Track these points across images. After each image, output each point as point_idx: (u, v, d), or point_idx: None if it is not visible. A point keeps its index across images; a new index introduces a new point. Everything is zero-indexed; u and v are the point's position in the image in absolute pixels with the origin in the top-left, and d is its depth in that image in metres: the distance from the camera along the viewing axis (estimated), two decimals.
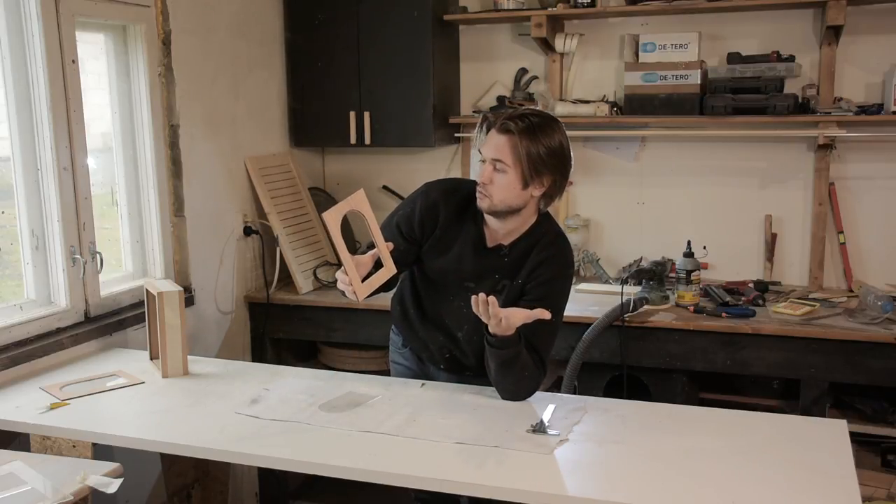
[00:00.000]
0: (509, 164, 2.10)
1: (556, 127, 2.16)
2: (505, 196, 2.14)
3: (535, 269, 2.21)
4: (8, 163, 2.64)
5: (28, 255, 2.69)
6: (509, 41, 3.87)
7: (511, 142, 2.10)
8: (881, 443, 3.16)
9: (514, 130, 2.09)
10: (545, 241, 2.24)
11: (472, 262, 2.28)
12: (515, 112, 2.14)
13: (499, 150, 2.11)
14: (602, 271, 3.70)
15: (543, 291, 2.20)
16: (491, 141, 2.14)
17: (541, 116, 2.15)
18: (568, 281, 2.28)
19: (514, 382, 2.21)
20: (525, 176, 2.11)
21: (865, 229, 3.49)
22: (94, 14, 2.81)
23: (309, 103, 3.85)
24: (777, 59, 3.37)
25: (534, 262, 2.22)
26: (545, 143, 2.10)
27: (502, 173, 2.12)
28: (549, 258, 2.21)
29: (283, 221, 3.63)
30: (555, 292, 2.22)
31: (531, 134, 2.09)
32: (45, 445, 2.18)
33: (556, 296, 2.22)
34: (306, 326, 3.59)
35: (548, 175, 2.14)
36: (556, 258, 2.22)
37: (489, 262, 2.26)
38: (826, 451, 1.94)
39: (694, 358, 3.11)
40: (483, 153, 2.16)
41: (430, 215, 2.29)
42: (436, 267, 2.33)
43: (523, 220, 2.22)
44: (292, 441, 2.04)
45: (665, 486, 1.78)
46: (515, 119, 2.11)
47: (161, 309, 2.53)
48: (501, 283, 2.26)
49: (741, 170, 3.62)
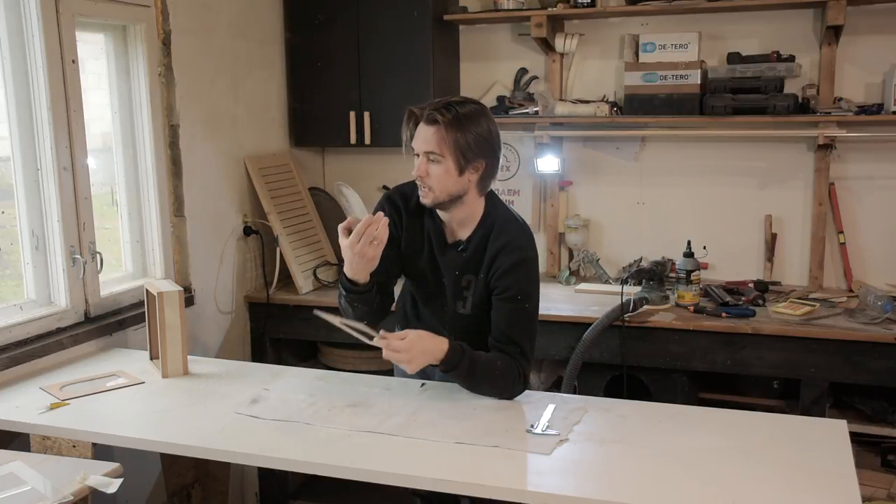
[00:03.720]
0: (441, 153, 2.12)
1: (483, 112, 2.17)
2: (444, 185, 2.15)
3: (493, 262, 2.22)
4: (8, 163, 2.64)
5: (28, 255, 2.69)
6: (509, 41, 3.87)
7: (440, 132, 2.11)
8: (881, 443, 3.16)
9: (441, 121, 2.10)
10: (496, 230, 2.24)
11: (439, 261, 2.30)
12: (440, 102, 2.15)
13: (429, 142, 2.13)
14: (602, 271, 3.70)
15: (507, 282, 2.20)
16: (420, 134, 2.16)
17: (465, 104, 2.16)
18: (529, 263, 2.25)
19: (491, 387, 2.22)
20: (459, 163, 2.13)
21: (865, 229, 3.49)
22: (94, 14, 2.81)
23: (309, 103, 3.85)
24: (777, 59, 3.37)
25: (490, 254, 2.22)
26: (473, 131, 2.12)
27: (437, 164, 2.14)
28: (503, 247, 2.21)
29: (283, 221, 3.63)
30: (519, 280, 2.21)
31: (458, 123, 2.11)
32: (45, 445, 2.18)
33: (521, 283, 2.22)
34: (306, 326, 3.58)
35: (480, 160, 2.16)
36: (510, 245, 2.21)
37: (450, 258, 2.28)
38: (826, 451, 1.94)
39: (694, 358, 3.11)
40: (415, 147, 2.18)
41: (396, 215, 2.33)
42: (416, 268, 2.36)
43: (470, 207, 2.23)
44: (292, 441, 2.03)
45: (665, 486, 1.78)
46: (441, 109, 2.11)
47: (161, 309, 2.52)
48: (466, 278, 2.27)
49: (741, 170, 3.62)
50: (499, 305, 2.23)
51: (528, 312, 2.23)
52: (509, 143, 3.85)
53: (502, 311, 2.22)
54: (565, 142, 3.81)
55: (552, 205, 3.87)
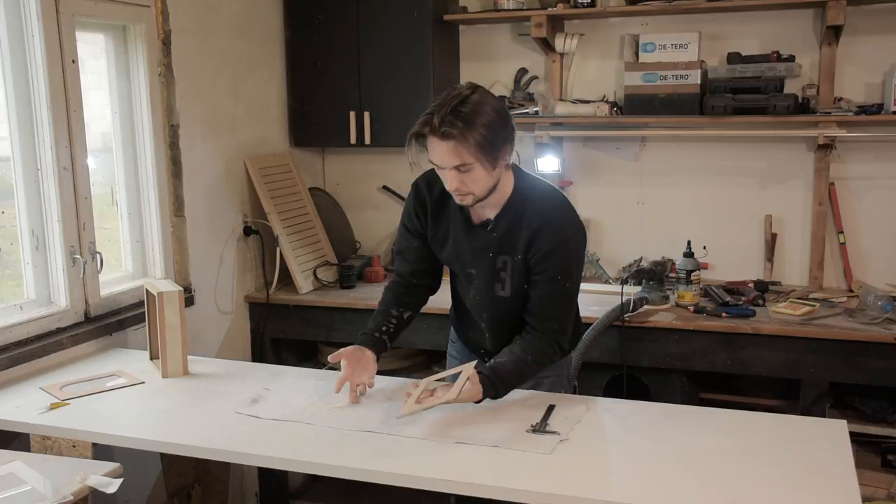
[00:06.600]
0: (470, 161, 2.06)
1: (481, 95, 2.09)
2: (483, 185, 2.12)
3: (531, 244, 2.17)
4: (8, 163, 2.64)
5: (28, 255, 2.69)
6: (509, 41, 3.87)
7: (459, 144, 2.03)
8: (881, 443, 3.16)
9: (457, 133, 2.02)
10: (531, 209, 2.19)
11: (466, 245, 2.27)
12: (442, 110, 2.03)
13: (451, 155, 2.05)
14: (602, 271, 3.70)
15: (547, 264, 2.17)
16: (438, 150, 2.06)
17: (464, 99, 2.06)
18: (570, 243, 2.18)
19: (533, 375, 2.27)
20: (490, 160, 2.08)
21: (865, 229, 3.49)
22: (94, 14, 2.81)
23: (309, 103, 3.85)
24: (777, 59, 3.37)
25: (527, 235, 2.17)
26: (485, 123, 2.04)
27: (469, 172, 2.08)
28: (541, 228, 2.16)
29: (283, 221, 3.63)
30: (560, 262, 2.17)
31: (471, 125, 2.03)
32: (45, 445, 2.18)
33: (561, 264, 2.18)
34: (306, 326, 3.59)
35: (504, 145, 2.11)
36: (548, 227, 2.16)
37: (480, 240, 2.25)
38: (826, 451, 1.94)
39: (694, 358, 3.11)
40: (438, 163, 2.11)
41: (420, 206, 2.32)
42: (443, 259, 2.36)
43: (502, 188, 2.20)
44: (292, 441, 2.04)
45: (665, 486, 1.78)
46: (449, 119, 2.02)
47: (161, 309, 2.52)
48: (500, 259, 2.23)
49: (741, 170, 3.62)
50: (538, 285, 2.20)
51: (567, 291, 2.21)
52: None
53: (542, 290, 2.19)
54: (565, 142, 3.81)
55: None
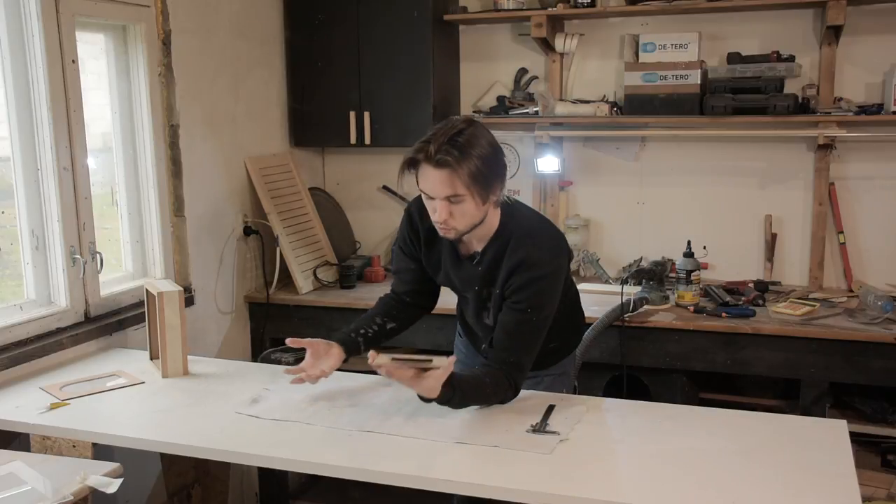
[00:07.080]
0: (463, 192, 2.03)
1: (477, 127, 2.07)
2: (470, 221, 2.10)
3: (508, 279, 2.16)
4: (8, 163, 2.64)
5: (28, 255, 2.69)
6: (509, 41, 3.87)
7: (454, 173, 2.01)
8: (881, 443, 3.16)
9: (452, 161, 2.00)
10: (513, 244, 2.16)
11: (454, 275, 2.29)
12: (440, 138, 2.01)
13: (445, 185, 2.03)
14: (602, 271, 3.70)
15: (519, 296, 2.14)
16: (431, 178, 2.03)
17: (460, 131, 2.02)
18: (546, 279, 2.15)
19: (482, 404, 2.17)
20: (481, 194, 2.05)
21: (865, 229, 3.49)
22: (94, 14, 2.81)
23: (309, 103, 3.85)
24: (777, 59, 3.37)
25: (506, 270, 2.16)
26: (480, 155, 2.02)
27: (459, 203, 2.05)
28: (519, 264, 2.14)
29: (283, 221, 3.63)
30: (531, 295, 2.14)
31: (466, 155, 2.00)
32: (45, 445, 2.18)
33: (532, 297, 2.14)
34: (306, 326, 3.58)
35: (496, 180, 2.09)
36: (526, 262, 2.13)
37: (466, 272, 2.26)
38: (826, 451, 1.94)
39: (694, 358, 3.11)
40: (429, 192, 2.08)
41: (413, 233, 2.33)
42: (439, 282, 2.39)
43: (488, 223, 2.17)
44: (292, 441, 2.04)
45: (665, 486, 1.78)
46: (446, 148, 2.00)
47: (161, 309, 2.52)
48: (485, 291, 2.24)
49: (741, 170, 3.62)
50: (507, 312, 2.18)
51: (534, 324, 2.16)
52: (509, 143, 3.84)
53: (509, 318, 2.16)
54: (565, 142, 3.81)
55: (552, 205, 3.87)
